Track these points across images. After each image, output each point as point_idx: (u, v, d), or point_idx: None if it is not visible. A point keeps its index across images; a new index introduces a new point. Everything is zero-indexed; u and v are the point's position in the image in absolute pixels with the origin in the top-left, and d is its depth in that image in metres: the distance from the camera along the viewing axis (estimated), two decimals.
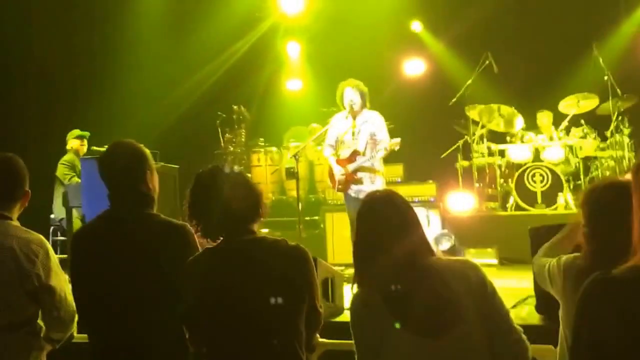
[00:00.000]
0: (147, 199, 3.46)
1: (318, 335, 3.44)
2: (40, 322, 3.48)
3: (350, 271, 7.42)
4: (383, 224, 2.95)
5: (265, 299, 3.00)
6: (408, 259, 2.86)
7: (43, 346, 3.50)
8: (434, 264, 2.89)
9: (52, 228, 9.21)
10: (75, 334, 3.64)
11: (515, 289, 6.50)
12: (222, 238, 3.16)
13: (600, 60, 10.48)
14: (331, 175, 8.10)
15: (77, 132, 9.55)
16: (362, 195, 7.83)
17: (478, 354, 2.82)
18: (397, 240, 2.88)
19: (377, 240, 2.94)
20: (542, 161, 10.23)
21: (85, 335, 3.47)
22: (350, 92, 7.88)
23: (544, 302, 5.10)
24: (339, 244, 9.23)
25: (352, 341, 3.01)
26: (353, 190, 7.92)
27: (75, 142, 9.46)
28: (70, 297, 3.50)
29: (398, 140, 7.78)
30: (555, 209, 9.76)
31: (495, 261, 8.69)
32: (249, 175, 3.44)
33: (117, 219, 3.42)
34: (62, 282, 3.48)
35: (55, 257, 3.49)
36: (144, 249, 3.30)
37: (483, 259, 8.51)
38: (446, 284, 2.80)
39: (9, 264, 3.30)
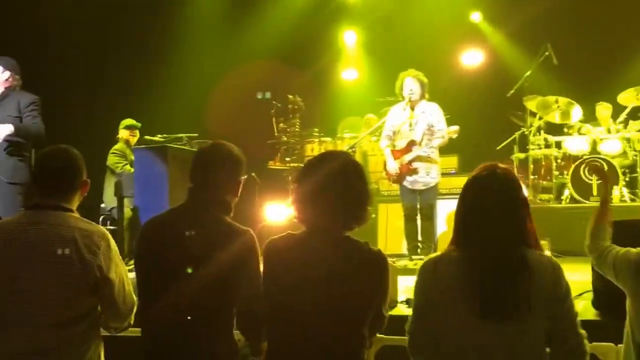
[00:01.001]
0: (226, 207, 3.53)
1: None
2: (99, 311, 3.49)
3: (402, 262, 7.50)
4: (482, 209, 2.92)
5: (335, 302, 2.99)
6: (497, 249, 2.85)
7: (101, 336, 3.52)
8: (520, 256, 2.85)
9: (102, 217, 9.27)
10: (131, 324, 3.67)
11: (569, 282, 6.40)
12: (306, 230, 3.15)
13: None
14: (386, 166, 8.10)
15: (128, 121, 9.54)
16: (417, 186, 7.86)
17: (531, 350, 2.81)
18: (494, 228, 2.87)
19: (475, 222, 2.93)
20: (599, 153, 10.06)
21: (138, 329, 3.54)
22: (411, 82, 7.90)
23: (602, 297, 5.06)
24: (391, 235, 9.20)
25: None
26: (408, 181, 7.92)
27: (125, 132, 9.44)
28: (129, 288, 3.53)
29: (457, 128, 7.82)
30: (610, 201, 9.57)
31: (548, 253, 8.55)
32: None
33: (190, 215, 3.48)
34: (122, 274, 3.49)
35: (116, 249, 3.49)
36: (208, 250, 3.34)
37: None
38: (519, 279, 2.79)
39: (72, 256, 3.29)
